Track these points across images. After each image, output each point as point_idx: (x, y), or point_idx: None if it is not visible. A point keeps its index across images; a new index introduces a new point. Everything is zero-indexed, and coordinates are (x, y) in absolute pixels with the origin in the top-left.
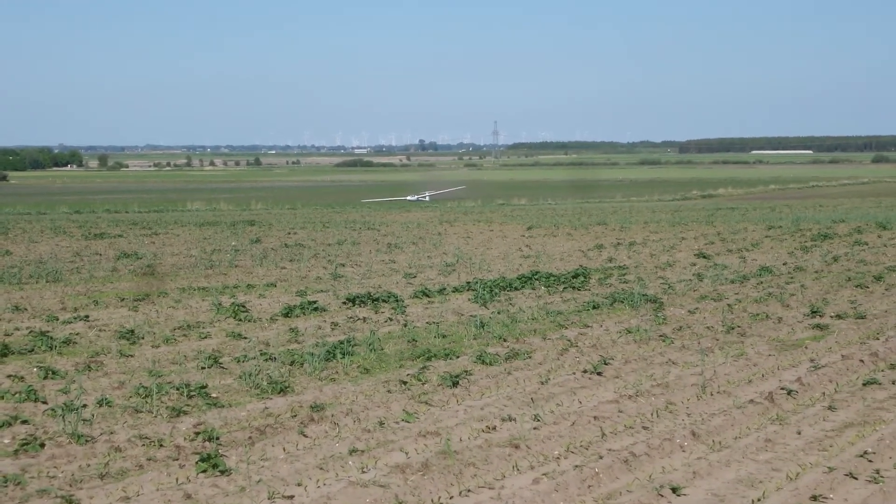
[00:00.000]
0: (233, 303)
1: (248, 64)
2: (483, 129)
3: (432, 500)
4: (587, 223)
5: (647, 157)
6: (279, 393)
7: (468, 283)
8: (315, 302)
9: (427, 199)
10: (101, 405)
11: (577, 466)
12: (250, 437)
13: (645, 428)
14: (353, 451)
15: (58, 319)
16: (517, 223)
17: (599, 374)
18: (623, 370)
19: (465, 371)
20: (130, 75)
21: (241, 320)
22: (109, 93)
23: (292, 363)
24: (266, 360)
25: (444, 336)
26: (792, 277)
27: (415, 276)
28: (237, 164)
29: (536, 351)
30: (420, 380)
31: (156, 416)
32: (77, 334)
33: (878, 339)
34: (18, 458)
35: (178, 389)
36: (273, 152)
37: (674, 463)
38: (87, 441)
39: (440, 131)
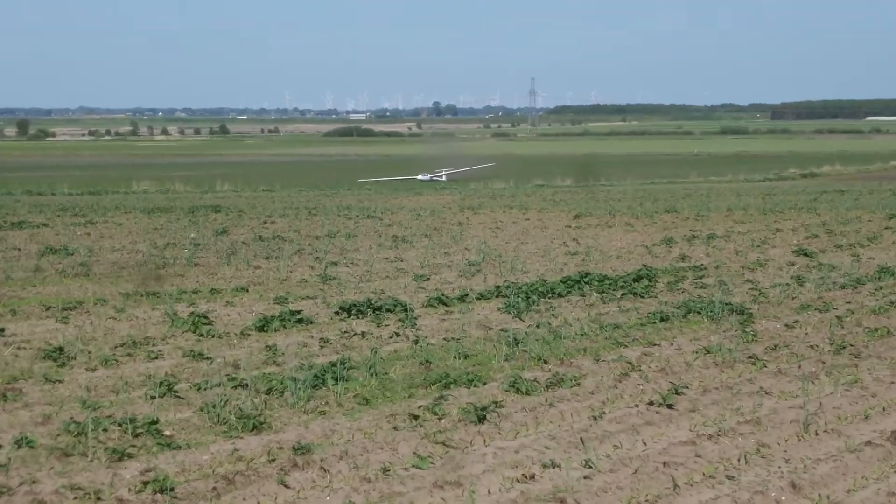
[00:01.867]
0: (192, 313)
1: (212, 5)
2: (516, 89)
3: None
4: (652, 210)
5: (731, 125)
6: (252, 430)
7: (497, 287)
8: (299, 312)
9: (443, 178)
10: (19, 446)
11: None
12: (215, 489)
13: (730, 478)
14: None
15: None
16: (561, 210)
17: (670, 406)
18: (700, 402)
19: (495, 402)
20: (59, 19)
21: (202, 335)
22: (32, 41)
23: (269, 391)
24: (235, 387)
25: (466, 356)
26: None
27: (428, 279)
28: (197, 132)
29: (587, 376)
30: (436, 413)
31: (91, 461)
32: None
33: None
34: None
35: (120, 425)
36: (244, 117)
37: None
38: (1, 493)
39: (461, 91)
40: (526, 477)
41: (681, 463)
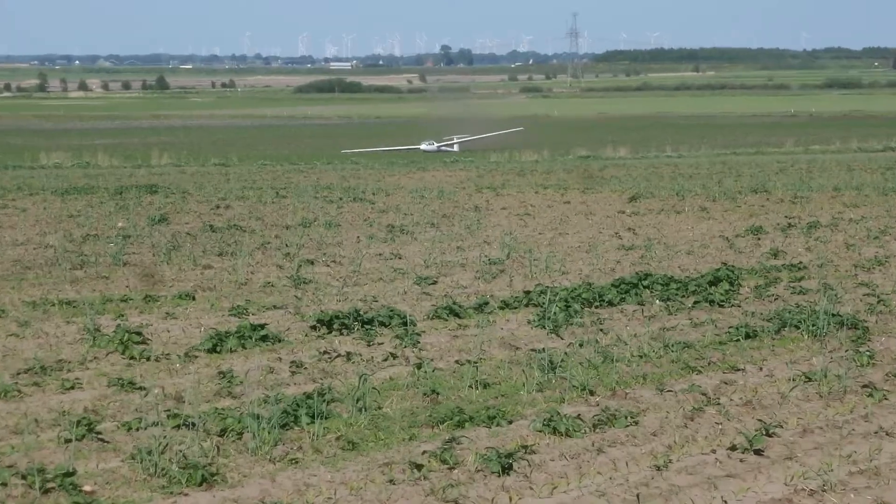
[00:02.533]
0: (120, 327)
1: None
2: (552, 29)
3: None
4: (734, 190)
5: (838, 76)
6: (201, 485)
7: (527, 293)
8: (263, 326)
9: (455, 147)
10: None
11: None
12: None
13: None
14: None
15: None
16: (612, 190)
17: (758, 452)
18: (799, 446)
19: (524, 447)
20: None
21: (134, 358)
22: None
23: (223, 433)
24: (178, 427)
25: (485, 385)
26: None
27: (435, 283)
28: (126, 86)
29: (647, 412)
30: (445, 461)
31: None
32: None
33: None
34: None
35: (24, 478)
36: (188, 67)
37: None
38: None
39: (478, 32)
40: None
41: None
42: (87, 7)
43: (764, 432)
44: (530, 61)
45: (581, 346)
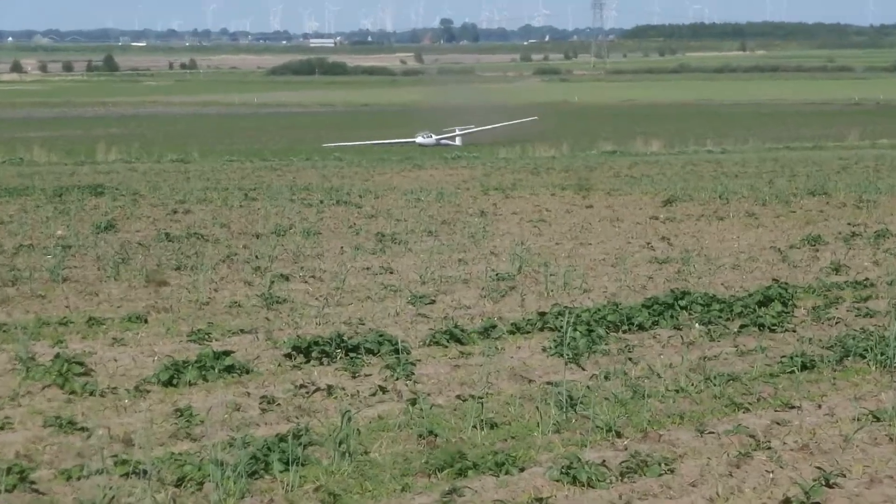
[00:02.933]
0: (59, 356)
1: None
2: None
3: None
4: (788, 192)
5: None
6: None
7: (542, 315)
8: (228, 354)
9: (457, 141)
10: None
11: None
12: None
13: None
14: None
15: None
16: (644, 192)
17: None
18: (866, 499)
19: (538, 499)
20: None
21: (75, 392)
22: None
23: (181, 483)
24: (126, 475)
25: (492, 426)
26: None
27: (433, 302)
28: (68, 67)
29: (685, 457)
30: None
31: None
32: None
33: None
34: None
35: None
36: (141, 44)
37: None
38: None
39: (484, 4)
40: None
41: None
42: None
43: (823, 482)
44: (546, 38)
45: (606, 378)
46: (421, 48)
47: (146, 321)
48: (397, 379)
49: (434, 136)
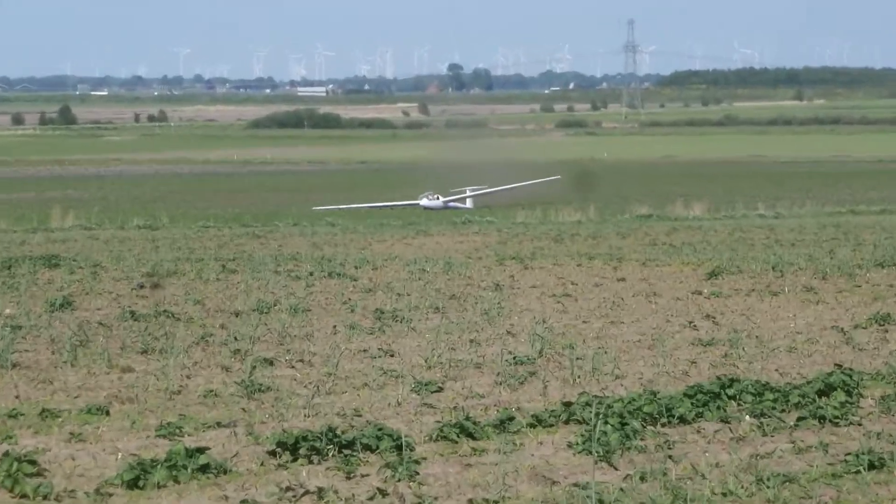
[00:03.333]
0: (7, 454)
1: None
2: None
3: None
4: (852, 263)
5: None
6: None
7: (567, 405)
8: (203, 451)
9: (468, 204)
10: None
11: None
12: None
13: None
14: None
15: None
16: (685, 262)
17: None
18: None
19: None
20: None
21: (26, 496)
22: None
23: None
24: None
25: None
26: None
27: (440, 389)
28: (18, 120)
29: None
30: None
31: None
32: None
33: None
34: None
35: None
36: (102, 93)
37: None
38: None
39: (498, 46)
40: None
41: None
42: None
43: None
44: (571, 85)
45: (642, 479)
46: (426, 97)
47: (108, 413)
48: (399, 480)
49: (441, 198)
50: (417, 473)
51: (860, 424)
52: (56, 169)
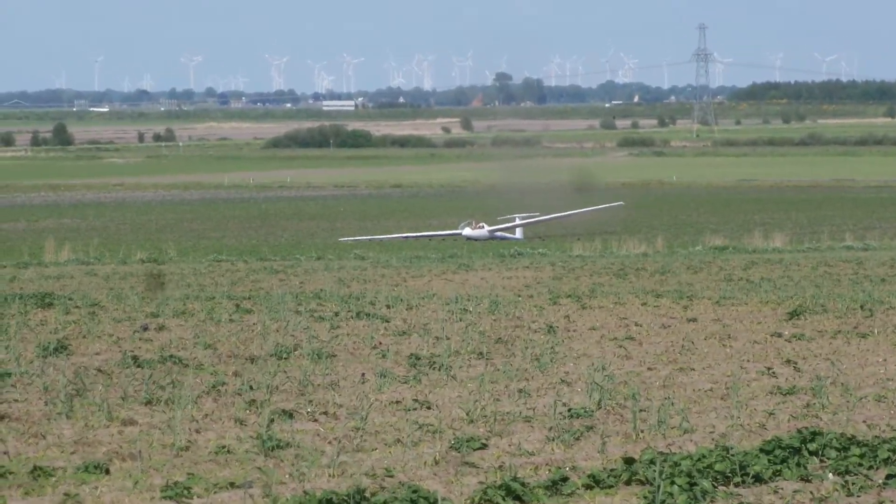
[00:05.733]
0: None
1: None
2: (669, 48)
3: None
4: None
5: None
6: None
7: (629, 462)
8: None
9: (517, 234)
10: None
11: None
12: None
13: None
14: None
15: None
16: (763, 301)
17: None
18: None
19: None
20: None
21: None
22: None
23: None
24: None
25: None
26: None
27: (484, 446)
28: (8, 141)
29: None
30: None
31: None
32: None
33: None
34: None
35: None
36: (103, 109)
37: None
38: None
39: (552, 54)
40: None
41: None
42: None
43: None
44: (635, 98)
45: None
46: (469, 111)
47: (108, 471)
48: None
49: (486, 227)
50: None
51: None
52: (50, 195)
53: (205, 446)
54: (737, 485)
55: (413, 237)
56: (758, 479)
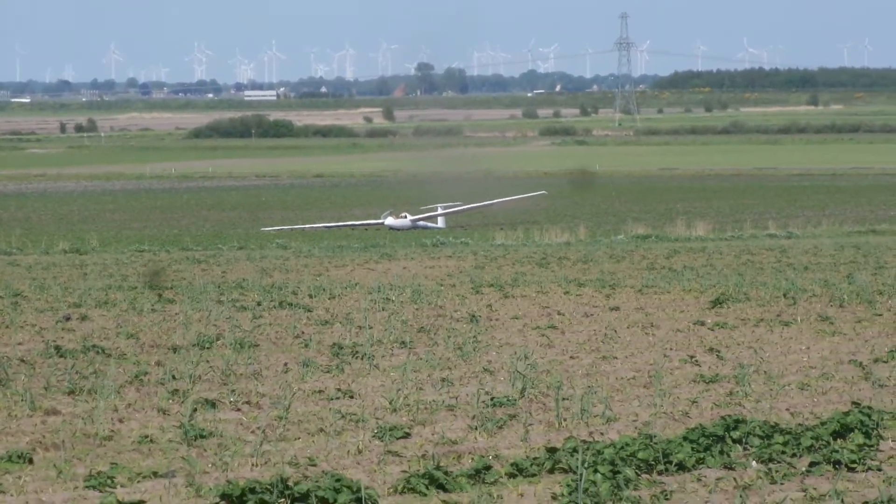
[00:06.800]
0: None
1: None
2: (592, 37)
3: None
4: (872, 290)
5: None
6: None
7: (552, 451)
8: None
9: (440, 223)
10: None
11: None
12: None
13: None
14: None
15: None
16: (685, 289)
17: None
18: None
19: None
20: None
21: None
22: None
23: None
24: None
25: None
26: None
27: (407, 435)
28: None
29: None
30: None
31: None
32: None
33: None
34: None
35: None
36: (24, 100)
37: None
38: None
39: (474, 43)
40: None
41: None
42: None
43: None
44: (557, 88)
45: None
46: (391, 101)
47: (31, 461)
48: None
49: (409, 217)
50: None
51: (880, 469)
52: None
53: (128, 436)
54: (660, 473)
55: (335, 227)
56: (681, 466)
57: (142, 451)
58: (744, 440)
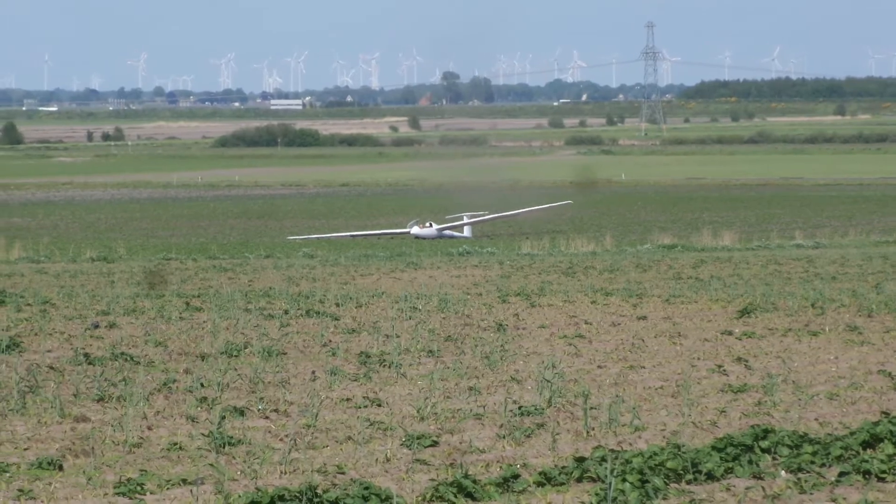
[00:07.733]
0: None
1: None
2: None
3: None
4: None
5: None
6: None
7: (580, 461)
8: None
9: (465, 233)
10: None
11: None
12: None
13: None
14: None
15: None
16: (713, 299)
17: None
18: None
19: None
20: None
21: None
22: None
23: None
24: None
25: None
26: None
27: (435, 443)
28: None
29: None
30: None
31: None
32: None
33: None
34: None
35: None
36: (51, 108)
37: None
38: None
39: (500, 53)
40: None
41: None
42: None
43: None
44: (583, 97)
45: None
46: (417, 110)
47: (61, 468)
48: None
49: (435, 226)
50: None
51: None
52: (0, 194)
53: (157, 443)
54: (689, 482)
55: (361, 236)
56: (710, 476)
57: (171, 458)
58: (772, 450)
